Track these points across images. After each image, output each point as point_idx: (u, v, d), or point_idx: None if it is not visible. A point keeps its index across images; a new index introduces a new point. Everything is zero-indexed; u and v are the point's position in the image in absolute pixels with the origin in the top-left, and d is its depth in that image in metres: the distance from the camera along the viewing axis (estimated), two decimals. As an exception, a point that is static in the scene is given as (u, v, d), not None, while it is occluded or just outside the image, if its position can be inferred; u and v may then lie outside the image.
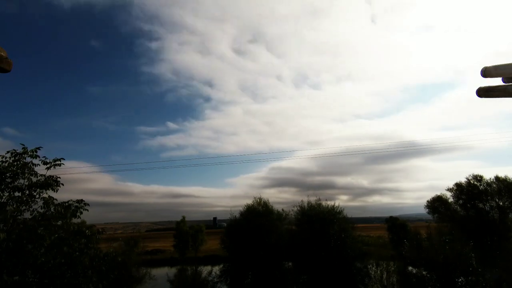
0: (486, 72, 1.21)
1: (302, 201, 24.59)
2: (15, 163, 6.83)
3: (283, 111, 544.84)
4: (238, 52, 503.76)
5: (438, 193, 30.89)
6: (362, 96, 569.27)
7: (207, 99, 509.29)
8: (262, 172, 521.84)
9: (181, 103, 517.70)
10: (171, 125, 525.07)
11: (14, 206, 6.35)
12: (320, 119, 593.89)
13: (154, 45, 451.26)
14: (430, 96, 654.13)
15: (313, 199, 24.41)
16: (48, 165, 7.19)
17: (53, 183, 7.02)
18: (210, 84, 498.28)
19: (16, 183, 6.73)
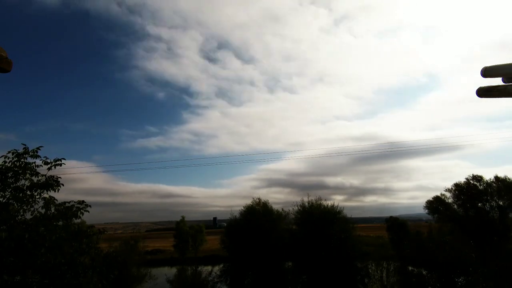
0: (486, 72, 1.22)
1: (302, 200, 24.61)
2: (17, 163, 6.84)
3: (261, 114, 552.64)
4: (208, 58, 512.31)
5: (432, 193, 30.97)
6: (338, 99, 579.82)
7: (184, 103, 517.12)
8: (253, 173, 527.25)
9: (159, 108, 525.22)
10: (150, 128, 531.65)
11: (16, 206, 6.35)
12: (299, 121, 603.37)
13: (121, 52, 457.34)
14: (406, 99, 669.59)
15: (309, 199, 24.44)
16: (49, 165, 7.19)
17: (54, 183, 7.03)
18: (185, 89, 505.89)
19: (17, 184, 6.74)
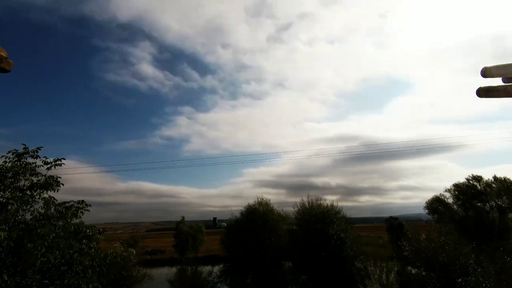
0: (486, 72, 1.22)
1: (302, 199, 24.63)
2: (17, 163, 6.85)
3: (229, 119, 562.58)
4: (167, 69, 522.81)
5: (423, 193, 31.33)
6: (303, 102, 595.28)
7: (152, 111, 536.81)
8: (241, 175, 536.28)
9: (127, 115, 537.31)
10: (122, 134, 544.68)
11: (15, 206, 6.34)
12: (269, 124, 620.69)
13: (77, 64, 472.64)
14: (371, 102, 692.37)
15: (309, 199, 24.46)
16: (49, 165, 7.19)
17: (53, 183, 7.02)
18: (151, 97, 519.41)
19: (17, 184, 6.73)
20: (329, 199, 24.62)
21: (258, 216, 24.20)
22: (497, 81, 1.25)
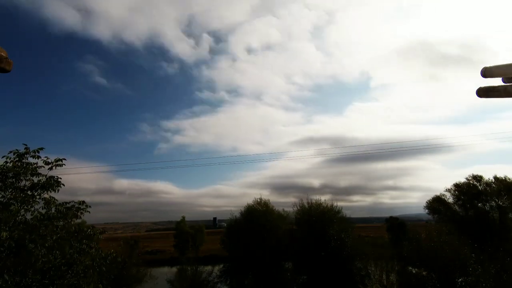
0: (486, 72, 1.22)
1: (301, 200, 24.65)
2: (18, 163, 6.85)
3: (192, 124, 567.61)
4: (117, 81, 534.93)
5: (410, 193, 31.21)
6: (263, 108, 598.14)
7: (115, 118, 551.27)
8: (228, 178, 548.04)
9: (92, 124, 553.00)
10: (91, 138, 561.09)
11: (16, 206, 6.35)
12: (236, 129, 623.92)
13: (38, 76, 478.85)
14: (331, 106, 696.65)
15: (308, 199, 24.48)
16: (50, 165, 7.20)
17: (54, 183, 7.03)
18: (109, 109, 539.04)
19: (18, 184, 6.74)
20: (323, 199, 24.66)
21: (258, 216, 24.21)
22: (497, 81, 1.25)
